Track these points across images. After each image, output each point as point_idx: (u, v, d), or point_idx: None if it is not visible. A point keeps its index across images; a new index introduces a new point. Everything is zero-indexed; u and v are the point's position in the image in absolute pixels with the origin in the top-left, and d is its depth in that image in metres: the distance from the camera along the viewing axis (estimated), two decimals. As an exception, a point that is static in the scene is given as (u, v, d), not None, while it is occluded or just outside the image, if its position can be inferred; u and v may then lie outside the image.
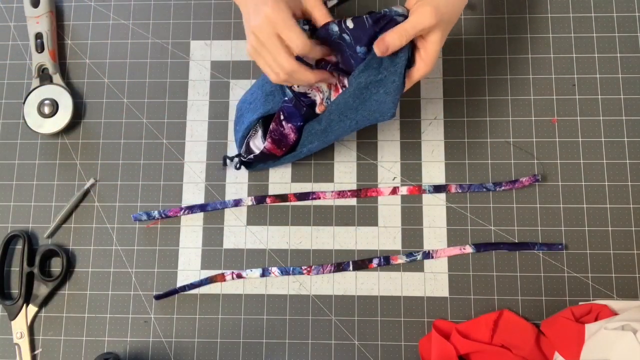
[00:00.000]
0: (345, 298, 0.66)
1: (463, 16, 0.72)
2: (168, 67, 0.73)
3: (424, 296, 0.66)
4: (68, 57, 0.73)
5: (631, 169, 0.67)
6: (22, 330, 0.66)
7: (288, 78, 0.55)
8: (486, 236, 0.67)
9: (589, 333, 0.59)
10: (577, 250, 0.66)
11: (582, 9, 0.72)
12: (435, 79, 0.71)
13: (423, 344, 0.64)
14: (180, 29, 0.74)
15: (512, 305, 0.65)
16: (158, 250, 0.68)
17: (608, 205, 0.67)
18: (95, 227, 0.69)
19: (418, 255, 0.66)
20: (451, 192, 0.68)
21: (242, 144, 0.66)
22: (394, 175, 0.69)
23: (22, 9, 0.73)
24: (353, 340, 0.65)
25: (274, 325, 0.66)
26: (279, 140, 0.62)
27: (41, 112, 0.69)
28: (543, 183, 0.68)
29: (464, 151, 0.69)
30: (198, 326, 0.66)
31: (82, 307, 0.67)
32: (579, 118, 0.69)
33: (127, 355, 0.66)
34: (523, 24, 0.72)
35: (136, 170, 0.70)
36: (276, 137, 0.62)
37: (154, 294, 0.67)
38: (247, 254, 0.68)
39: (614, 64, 0.70)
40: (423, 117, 0.70)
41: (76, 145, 0.71)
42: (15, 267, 0.68)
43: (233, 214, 0.69)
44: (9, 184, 0.70)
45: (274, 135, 0.62)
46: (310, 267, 0.67)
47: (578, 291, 0.65)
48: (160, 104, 0.72)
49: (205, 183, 0.69)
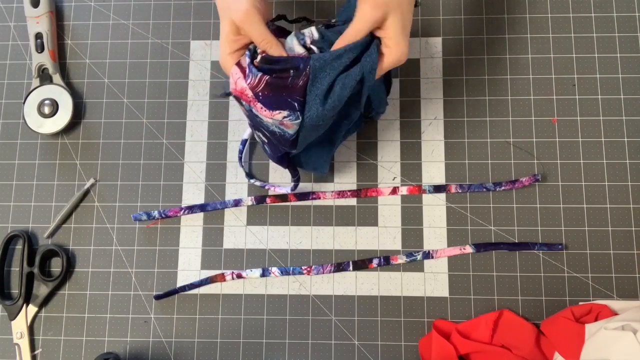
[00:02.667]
0: (345, 298, 0.66)
1: (463, 16, 0.72)
2: (168, 67, 0.73)
3: (424, 296, 0.66)
4: (68, 57, 0.73)
5: (631, 169, 0.67)
6: (22, 330, 0.66)
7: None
8: (486, 236, 0.67)
9: (589, 333, 0.59)
10: (577, 250, 0.66)
11: (582, 9, 0.72)
12: (435, 79, 0.71)
13: (423, 344, 0.64)
14: (180, 29, 0.74)
15: (512, 305, 0.65)
16: (158, 250, 0.68)
17: (608, 205, 0.67)
18: (95, 227, 0.69)
19: (418, 255, 0.66)
20: (451, 192, 0.68)
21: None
22: (394, 175, 0.69)
23: (22, 9, 0.73)
24: (353, 340, 0.65)
25: (274, 325, 0.66)
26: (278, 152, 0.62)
27: (41, 112, 0.70)
28: (543, 183, 0.68)
29: (464, 151, 0.69)
30: (198, 326, 0.66)
31: (82, 307, 0.67)
32: (579, 118, 0.69)
33: (127, 355, 0.66)
34: (523, 24, 0.72)
35: (136, 170, 0.70)
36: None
37: (154, 294, 0.67)
38: (247, 254, 0.68)
39: (614, 64, 0.70)
40: (423, 117, 0.70)
41: (76, 145, 0.71)
42: (15, 267, 0.68)
43: (233, 214, 0.69)
44: (9, 184, 0.70)
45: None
46: (310, 267, 0.67)
47: (578, 291, 0.65)
48: (160, 104, 0.72)
49: (205, 183, 0.69)
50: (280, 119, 0.53)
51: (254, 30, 0.53)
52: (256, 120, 0.56)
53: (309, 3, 0.73)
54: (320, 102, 0.53)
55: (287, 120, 0.53)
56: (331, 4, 0.73)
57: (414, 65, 0.71)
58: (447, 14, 0.72)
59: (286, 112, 0.53)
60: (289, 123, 0.54)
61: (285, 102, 0.53)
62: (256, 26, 0.53)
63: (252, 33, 0.54)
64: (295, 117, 0.53)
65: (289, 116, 0.53)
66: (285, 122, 0.54)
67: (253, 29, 0.53)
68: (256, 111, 0.54)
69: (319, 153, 0.63)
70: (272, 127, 0.55)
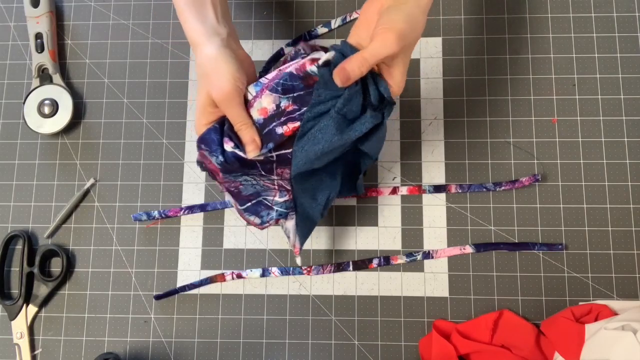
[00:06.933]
0: (345, 298, 0.66)
1: (463, 16, 0.72)
2: (168, 67, 0.73)
3: (424, 296, 0.66)
4: (68, 57, 0.73)
5: (631, 169, 0.67)
6: (22, 330, 0.66)
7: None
8: (486, 236, 0.67)
9: (589, 333, 0.59)
10: (577, 250, 0.66)
11: (582, 9, 0.72)
12: (435, 79, 0.71)
13: (423, 344, 0.64)
14: (180, 29, 0.73)
15: (512, 305, 0.65)
16: (158, 250, 0.68)
17: (608, 205, 0.67)
18: (95, 227, 0.69)
19: (418, 256, 0.66)
20: (451, 192, 0.68)
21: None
22: (394, 175, 0.69)
23: (22, 9, 0.73)
24: (353, 340, 0.65)
25: (274, 325, 0.66)
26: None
27: (41, 112, 0.69)
28: (543, 183, 0.68)
29: (464, 151, 0.69)
30: (198, 326, 0.66)
31: (82, 307, 0.67)
32: (579, 118, 0.69)
33: (127, 355, 0.66)
34: (523, 24, 0.72)
35: (136, 170, 0.70)
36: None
37: (154, 294, 0.67)
38: (247, 254, 0.68)
39: (614, 64, 0.70)
40: (423, 117, 0.70)
41: (76, 145, 0.71)
42: (15, 267, 0.68)
43: (233, 214, 0.69)
44: (9, 184, 0.70)
45: None
46: (310, 267, 0.67)
47: (578, 291, 0.65)
48: (160, 104, 0.72)
49: (205, 183, 0.69)
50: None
51: (232, 113, 0.52)
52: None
53: (309, 3, 0.73)
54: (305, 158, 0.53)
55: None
56: (331, 4, 0.73)
57: (414, 65, 0.71)
58: (447, 14, 0.72)
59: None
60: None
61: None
62: (235, 109, 0.52)
63: (230, 114, 0.53)
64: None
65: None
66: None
67: (231, 111, 0.52)
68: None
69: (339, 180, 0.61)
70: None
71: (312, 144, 0.52)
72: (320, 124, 0.51)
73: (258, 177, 0.56)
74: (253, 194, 0.58)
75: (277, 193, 0.57)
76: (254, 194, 0.58)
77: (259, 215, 0.59)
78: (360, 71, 0.49)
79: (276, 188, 0.56)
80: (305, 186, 0.57)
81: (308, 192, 0.58)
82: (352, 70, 0.49)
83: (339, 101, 0.50)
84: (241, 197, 0.58)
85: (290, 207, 0.58)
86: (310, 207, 0.58)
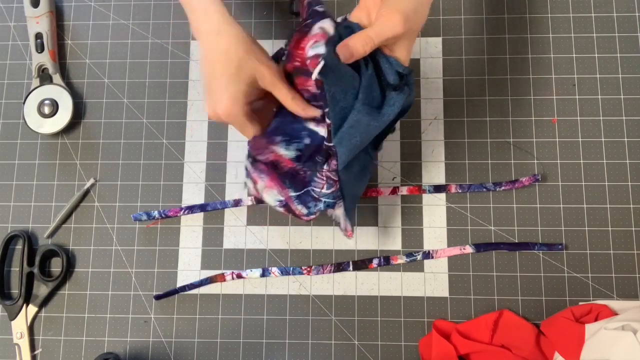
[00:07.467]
0: (345, 298, 0.66)
1: (463, 16, 0.72)
2: (168, 67, 0.73)
3: (424, 296, 0.66)
4: (68, 57, 0.73)
5: (631, 169, 0.67)
6: (22, 330, 0.66)
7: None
8: (486, 236, 0.67)
9: (589, 333, 0.59)
10: (577, 250, 0.66)
11: (582, 9, 0.72)
12: (435, 79, 0.71)
13: (423, 344, 0.64)
14: (180, 29, 0.74)
15: (512, 305, 0.65)
16: (158, 251, 0.68)
17: (608, 205, 0.67)
18: (95, 227, 0.69)
19: (418, 255, 0.66)
20: (451, 192, 0.68)
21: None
22: (394, 175, 0.69)
23: (22, 9, 0.73)
24: (353, 340, 0.65)
25: (274, 325, 0.66)
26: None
27: (41, 112, 0.70)
28: (543, 183, 0.68)
29: (464, 151, 0.69)
30: (198, 326, 0.66)
31: (82, 307, 0.67)
32: (579, 118, 0.69)
33: (127, 355, 0.66)
34: (523, 24, 0.72)
35: (136, 170, 0.70)
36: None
37: (154, 294, 0.67)
38: (247, 254, 0.68)
39: (614, 64, 0.70)
40: (423, 117, 0.70)
41: (76, 145, 0.71)
42: (15, 267, 0.68)
43: (233, 214, 0.69)
44: (9, 184, 0.70)
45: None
46: (310, 267, 0.67)
47: (578, 291, 0.65)
48: (160, 104, 0.72)
49: (205, 183, 0.69)
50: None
51: (281, 87, 0.52)
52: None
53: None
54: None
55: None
56: (331, 4, 0.73)
57: (414, 65, 0.71)
58: (447, 14, 0.72)
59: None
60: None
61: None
62: (283, 82, 0.52)
63: (279, 90, 0.52)
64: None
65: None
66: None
67: (280, 86, 0.52)
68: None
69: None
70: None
71: (349, 139, 0.52)
72: (350, 120, 0.51)
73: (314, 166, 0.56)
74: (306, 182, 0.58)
75: (324, 185, 0.57)
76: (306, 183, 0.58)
77: (306, 205, 0.58)
78: (363, 49, 0.48)
79: (324, 180, 0.56)
80: (349, 171, 0.57)
81: (352, 175, 0.58)
82: (354, 47, 0.48)
83: (360, 93, 0.51)
84: (297, 182, 0.57)
85: (337, 196, 0.58)
86: (356, 187, 0.60)
